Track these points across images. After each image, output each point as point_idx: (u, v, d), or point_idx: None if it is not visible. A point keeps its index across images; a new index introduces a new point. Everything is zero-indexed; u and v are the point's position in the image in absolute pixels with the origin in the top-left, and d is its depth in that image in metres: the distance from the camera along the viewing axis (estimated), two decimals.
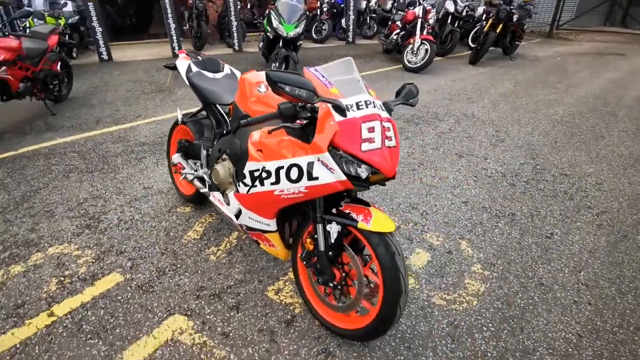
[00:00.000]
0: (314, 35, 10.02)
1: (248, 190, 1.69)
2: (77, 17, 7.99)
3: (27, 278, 2.07)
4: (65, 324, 1.79)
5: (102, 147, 3.71)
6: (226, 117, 2.19)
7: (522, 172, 3.30)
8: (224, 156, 2.05)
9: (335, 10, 9.92)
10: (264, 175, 1.58)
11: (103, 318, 1.82)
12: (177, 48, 8.31)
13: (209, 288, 2.01)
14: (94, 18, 7.52)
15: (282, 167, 1.51)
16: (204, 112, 2.44)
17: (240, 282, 2.06)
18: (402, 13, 7.39)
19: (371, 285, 1.59)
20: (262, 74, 1.90)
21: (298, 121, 1.50)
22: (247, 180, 1.67)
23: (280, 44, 5.79)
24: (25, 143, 3.81)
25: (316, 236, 1.60)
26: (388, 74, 6.87)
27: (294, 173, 1.47)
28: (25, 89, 4.32)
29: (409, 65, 6.90)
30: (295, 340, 1.72)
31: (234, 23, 8.47)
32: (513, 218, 2.63)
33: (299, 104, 1.46)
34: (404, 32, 7.24)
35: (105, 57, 7.89)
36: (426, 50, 6.64)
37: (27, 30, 6.27)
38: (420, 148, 3.75)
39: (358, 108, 1.45)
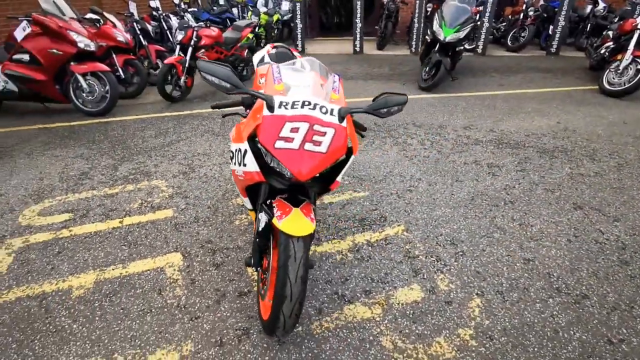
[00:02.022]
0: (508, 42, 8.86)
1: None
2: (290, 15, 9.64)
3: (129, 195, 2.92)
4: (121, 231, 2.49)
5: (238, 118, 4.57)
6: None
7: None
8: None
9: (545, 15, 8.43)
10: (231, 155, 1.77)
11: (140, 236, 2.44)
12: (358, 45, 8.96)
13: (214, 243, 2.37)
14: (298, 16, 8.92)
15: (236, 150, 1.67)
16: None
17: (237, 248, 2.33)
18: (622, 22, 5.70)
19: None
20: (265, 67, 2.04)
21: (248, 110, 1.62)
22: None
23: (436, 48, 5.51)
24: (199, 107, 5.08)
25: None
26: (572, 94, 5.54)
27: (239, 157, 1.62)
28: None
29: (607, 87, 5.35)
30: (233, 310, 1.88)
31: (416, 25, 8.42)
32: (578, 301, 1.91)
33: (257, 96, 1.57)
34: (615, 45, 5.61)
35: (299, 49, 9.28)
36: (638, 70, 4.99)
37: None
38: (528, 185, 3.03)
39: (292, 107, 1.46)
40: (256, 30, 7.86)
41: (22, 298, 1.95)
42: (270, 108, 1.46)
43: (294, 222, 1.47)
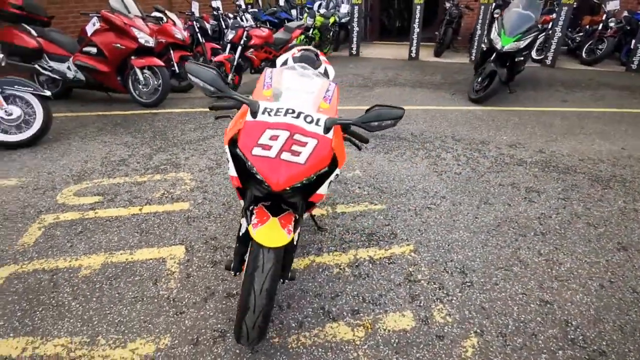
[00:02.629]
0: (583, 54, 8.01)
1: None
2: (348, 18, 9.59)
3: (155, 184, 3.08)
4: (138, 219, 2.63)
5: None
6: None
7: None
8: None
9: (628, 28, 7.49)
10: (226, 156, 1.78)
11: (154, 225, 2.55)
12: (414, 51, 8.67)
13: (218, 240, 2.41)
14: (355, 19, 8.86)
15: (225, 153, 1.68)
16: None
17: None
18: None
19: None
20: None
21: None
22: None
23: (492, 57, 5.13)
24: None
25: None
26: None
27: (227, 160, 1.62)
28: (264, 67, 5.85)
29: None
30: (217, 310, 1.89)
31: (478, 32, 7.94)
32: (593, 358, 1.65)
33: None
34: None
35: (354, 52, 9.21)
36: None
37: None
38: (568, 216, 2.70)
39: (275, 114, 1.43)
40: (310, 32, 7.96)
41: (38, 270, 2.13)
42: (254, 114, 1.44)
43: (268, 231, 1.44)
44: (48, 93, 3.81)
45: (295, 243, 1.67)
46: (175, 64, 5.60)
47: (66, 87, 5.30)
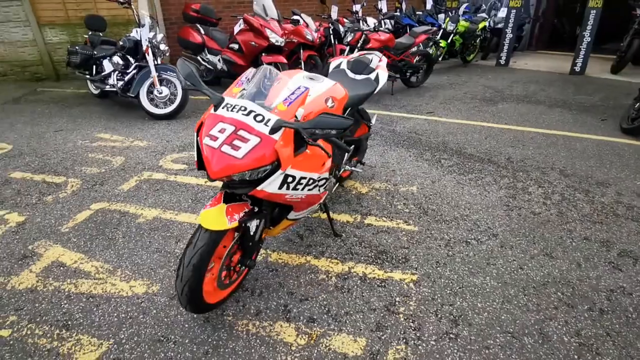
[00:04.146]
0: None
1: None
2: (502, 24, 8.59)
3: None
4: (198, 189, 3.12)
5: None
6: None
7: None
8: None
9: None
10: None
11: (205, 196, 2.99)
12: (579, 65, 7.18)
13: None
14: (510, 24, 7.87)
15: None
16: None
17: None
18: None
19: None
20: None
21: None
22: None
23: None
24: None
25: None
26: None
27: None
28: None
29: None
30: None
31: None
32: None
33: None
34: None
35: (502, 62, 8.23)
36: None
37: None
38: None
39: (232, 110, 1.56)
40: (450, 38, 7.49)
41: (115, 210, 2.80)
42: (215, 107, 1.61)
43: (211, 214, 1.60)
44: None
45: (252, 233, 1.77)
46: (302, 62, 6.16)
47: (215, 75, 6.48)
